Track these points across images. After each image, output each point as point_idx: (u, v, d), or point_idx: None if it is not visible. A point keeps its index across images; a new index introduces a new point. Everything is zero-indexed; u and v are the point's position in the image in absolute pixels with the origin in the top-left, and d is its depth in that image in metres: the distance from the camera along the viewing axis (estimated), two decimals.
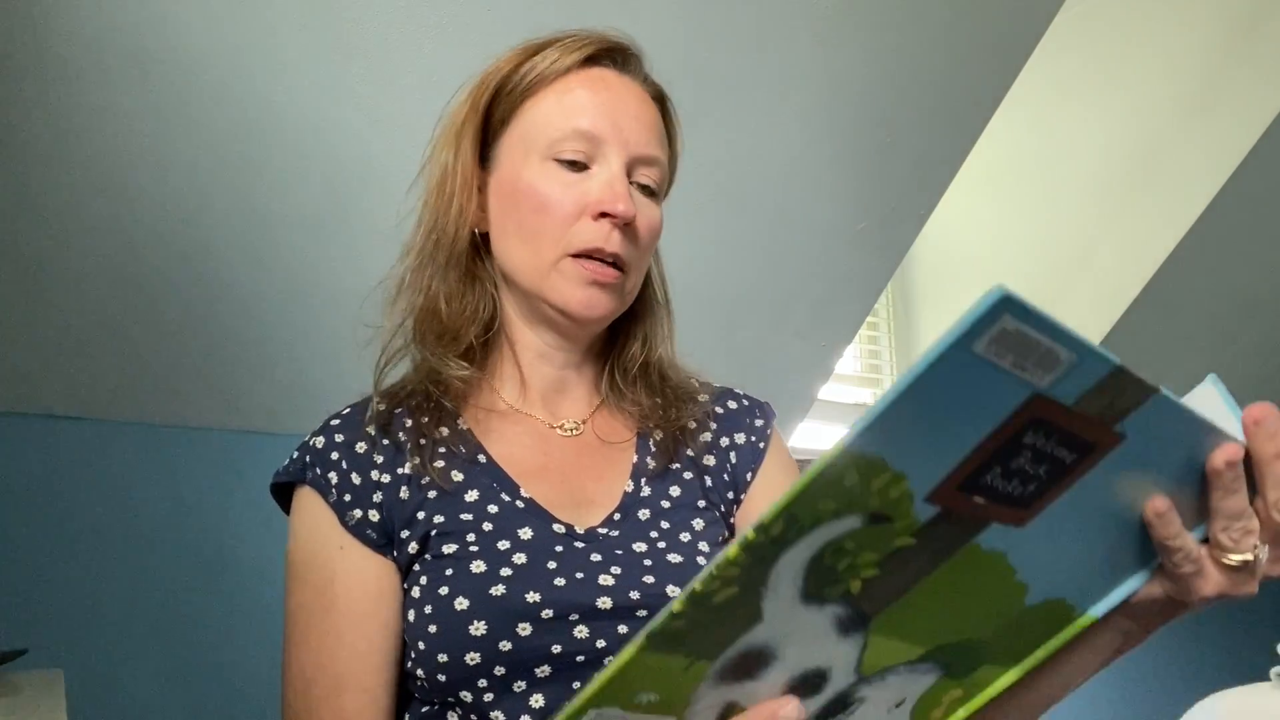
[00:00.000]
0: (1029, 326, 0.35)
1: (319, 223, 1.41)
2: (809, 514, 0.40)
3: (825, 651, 0.47)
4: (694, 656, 0.44)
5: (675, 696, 0.46)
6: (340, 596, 0.75)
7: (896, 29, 1.63)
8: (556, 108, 0.80)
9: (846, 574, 0.43)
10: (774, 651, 0.46)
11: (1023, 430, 0.39)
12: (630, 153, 0.80)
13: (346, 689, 0.74)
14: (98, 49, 1.19)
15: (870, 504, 0.40)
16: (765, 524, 0.39)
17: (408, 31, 1.32)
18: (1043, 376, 0.38)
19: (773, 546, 0.40)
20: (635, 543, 0.78)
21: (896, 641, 0.49)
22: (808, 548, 0.41)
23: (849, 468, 0.38)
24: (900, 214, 1.89)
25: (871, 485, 0.39)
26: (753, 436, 0.89)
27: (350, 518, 0.77)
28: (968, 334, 0.35)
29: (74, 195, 1.27)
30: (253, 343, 1.46)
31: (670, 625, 0.42)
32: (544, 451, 0.83)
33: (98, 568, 1.39)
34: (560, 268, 0.79)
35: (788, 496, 0.39)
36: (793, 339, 1.95)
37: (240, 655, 1.46)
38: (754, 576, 0.41)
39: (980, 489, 0.41)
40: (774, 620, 0.44)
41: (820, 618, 0.45)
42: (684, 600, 0.41)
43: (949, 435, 0.39)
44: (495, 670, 0.71)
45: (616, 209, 0.77)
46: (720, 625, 0.43)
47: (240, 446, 1.51)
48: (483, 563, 0.74)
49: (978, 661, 0.53)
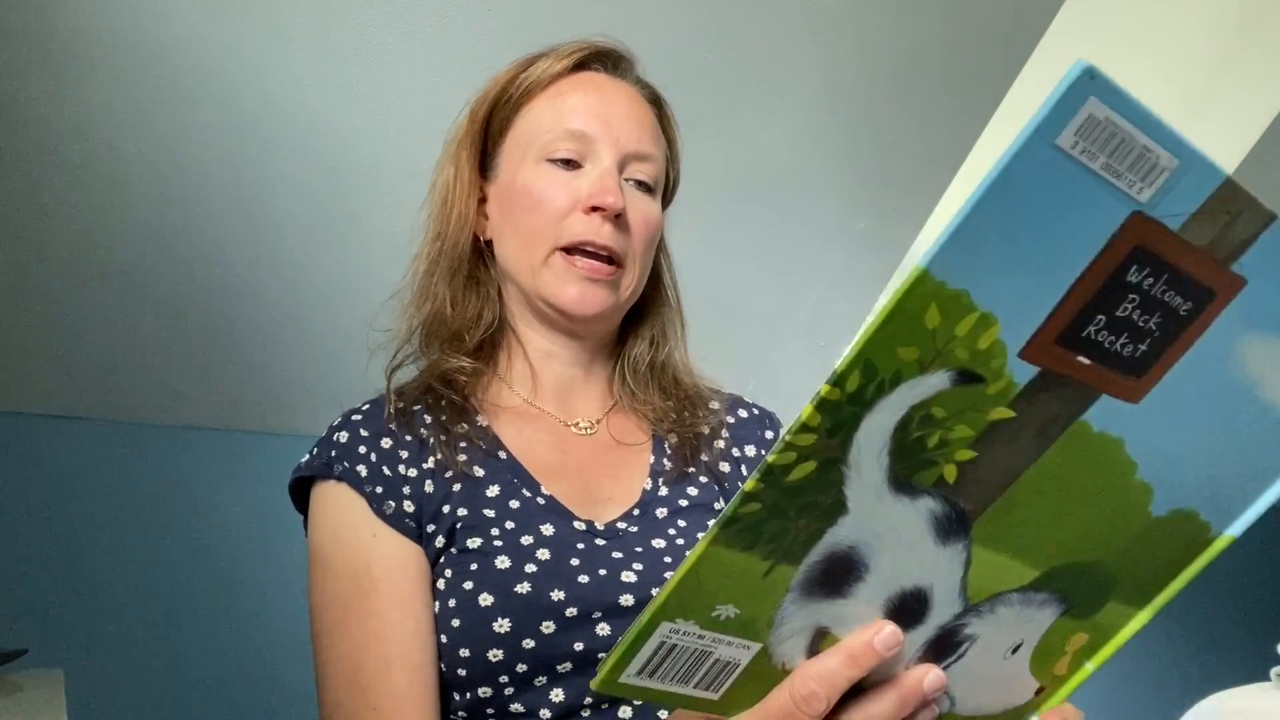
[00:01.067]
0: (1120, 114, 0.31)
1: (319, 223, 1.41)
2: (888, 362, 0.35)
3: (923, 564, 0.42)
4: (774, 558, 0.39)
5: (757, 613, 0.41)
6: (381, 579, 0.75)
7: (896, 29, 1.63)
8: (549, 111, 0.82)
9: (939, 452, 0.38)
10: (864, 559, 0.41)
11: (1125, 264, 0.34)
12: (622, 149, 0.81)
13: (395, 669, 0.73)
14: (99, 48, 1.19)
15: (958, 355, 0.35)
16: (840, 374, 0.34)
17: (408, 33, 1.32)
18: (1141, 188, 0.33)
19: (851, 406, 0.35)
20: (655, 539, 0.79)
21: (1005, 557, 0.43)
22: (891, 412, 0.36)
23: (929, 300, 0.33)
24: (900, 214, 1.89)
25: (957, 328, 0.34)
26: (762, 450, 0.91)
27: (387, 508, 0.77)
28: (1050, 119, 0.31)
29: (74, 195, 1.27)
30: (252, 343, 1.46)
31: (744, 509, 0.37)
32: (561, 450, 0.84)
33: (98, 568, 1.39)
34: (551, 263, 0.80)
35: (863, 338, 0.34)
36: (793, 339, 1.95)
37: (241, 654, 1.46)
38: (833, 448, 0.36)
39: (1083, 344, 0.36)
40: (860, 512, 0.39)
41: (913, 514, 0.40)
42: (757, 476, 0.36)
43: (1039, 265, 0.34)
44: (517, 667, 0.71)
45: (606, 201, 0.78)
46: (800, 514, 0.38)
47: (240, 446, 1.51)
48: (507, 558, 0.74)
49: (1104, 594, 0.46)
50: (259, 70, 1.27)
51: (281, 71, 1.29)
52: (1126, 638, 0.48)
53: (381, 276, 0.90)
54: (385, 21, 1.30)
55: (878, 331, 0.34)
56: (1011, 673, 0.48)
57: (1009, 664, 0.48)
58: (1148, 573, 0.46)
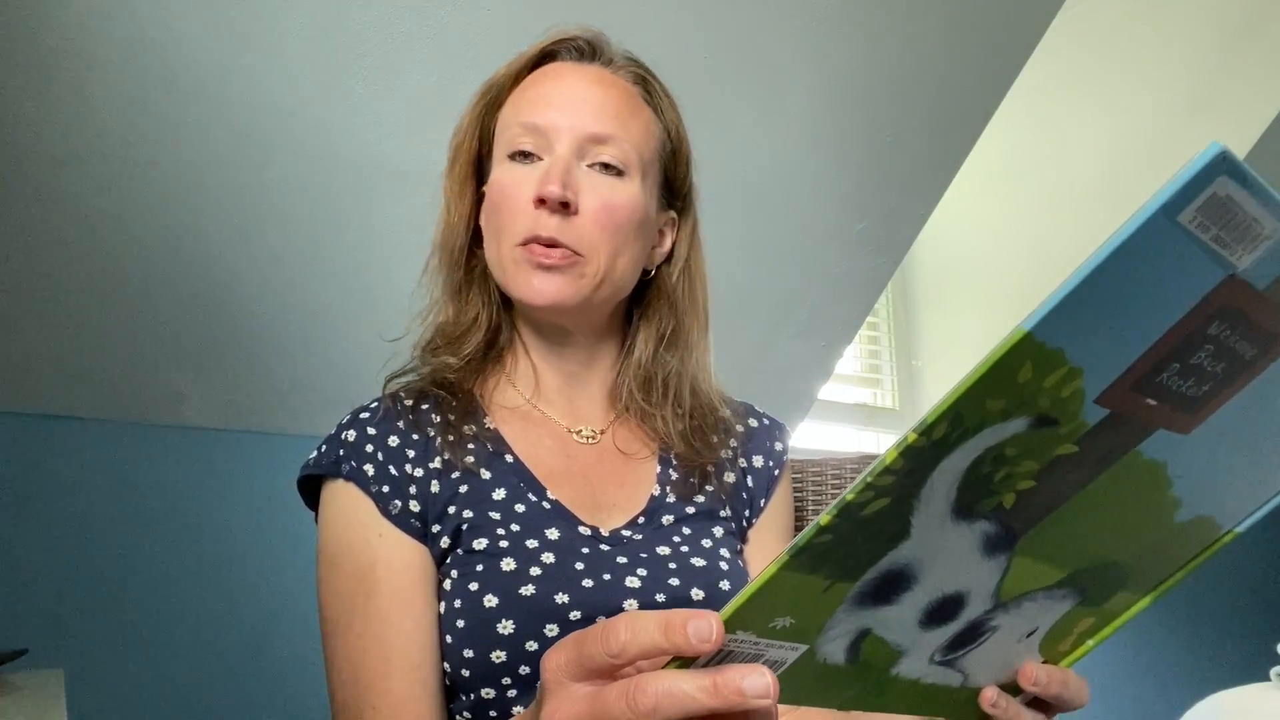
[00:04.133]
0: (1243, 191, 0.32)
1: (318, 224, 1.41)
2: (975, 414, 0.36)
3: (967, 574, 0.44)
4: (835, 577, 0.41)
5: (811, 622, 0.42)
6: (383, 580, 0.75)
7: (896, 29, 1.63)
8: (512, 109, 0.83)
9: (1002, 485, 0.40)
10: (915, 573, 0.42)
11: (1210, 320, 0.36)
12: (578, 134, 0.79)
13: (396, 669, 0.73)
14: (98, 48, 1.19)
15: (1040, 404, 0.36)
16: (928, 425, 0.35)
17: (409, 34, 1.32)
18: (1243, 255, 0.34)
19: (933, 451, 0.37)
20: (659, 546, 0.79)
21: (1041, 564, 0.45)
22: (967, 454, 0.37)
23: (1025, 359, 0.34)
24: (900, 214, 1.89)
25: (1045, 382, 0.35)
26: (770, 461, 0.91)
27: (393, 507, 0.77)
28: (1177, 197, 0.31)
29: (73, 196, 1.27)
30: (252, 343, 1.46)
31: (817, 540, 0.38)
32: (566, 455, 0.84)
33: (98, 568, 1.39)
34: (513, 258, 0.79)
35: (956, 392, 0.35)
36: (793, 339, 1.95)
37: (241, 654, 1.46)
38: (908, 486, 0.38)
39: (1154, 389, 0.38)
40: (921, 537, 0.40)
41: (968, 535, 0.42)
42: (834, 512, 0.38)
43: (1134, 324, 0.35)
44: (520, 669, 0.71)
45: (546, 191, 0.77)
46: (867, 541, 0.40)
47: (240, 446, 1.51)
48: (512, 560, 0.74)
49: (1117, 587, 0.50)
50: (259, 71, 1.27)
51: (282, 72, 1.29)
52: (1128, 619, 0.52)
53: (382, 276, 0.90)
54: (386, 22, 1.30)
55: (972, 388, 0.35)
56: (1021, 652, 0.51)
57: (1021, 646, 0.51)
58: (1160, 568, 0.49)
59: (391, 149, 1.38)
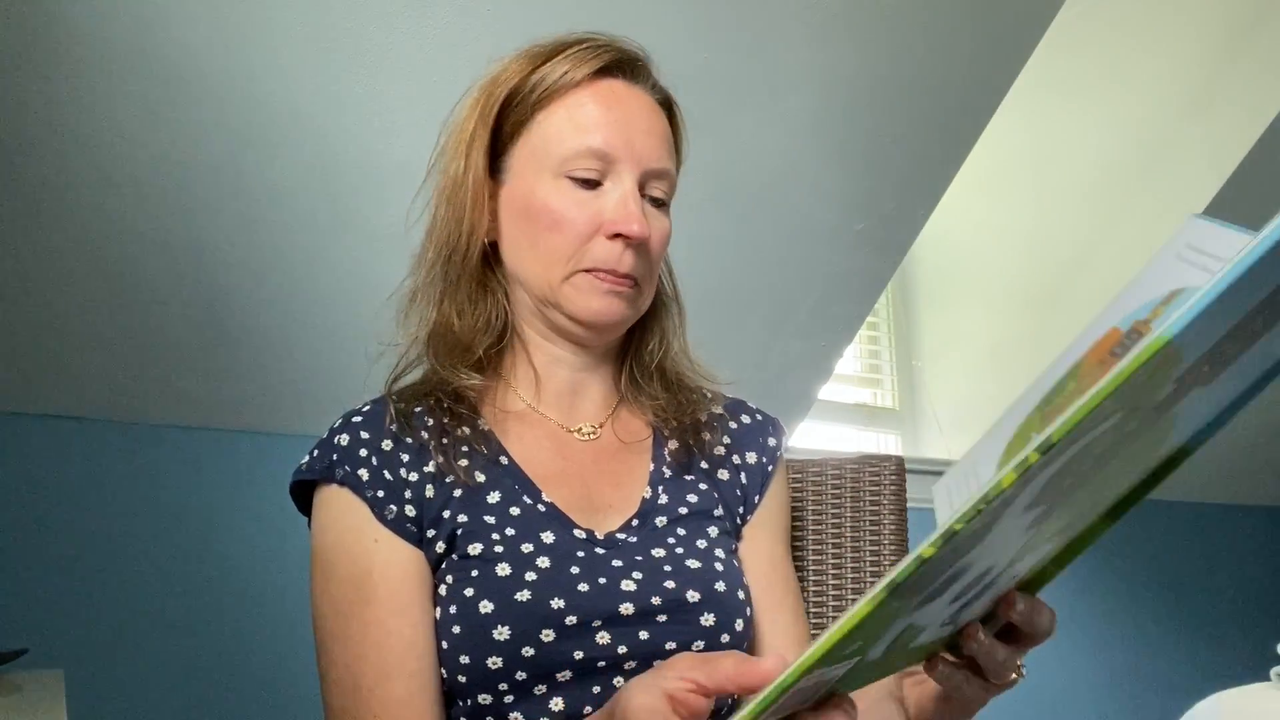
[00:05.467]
0: None
1: (318, 225, 1.41)
2: (1093, 421, 0.36)
3: (1006, 551, 0.44)
4: (911, 595, 0.41)
5: (871, 637, 0.43)
6: (380, 586, 0.75)
7: (896, 29, 1.63)
8: (568, 123, 0.80)
9: (1079, 472, 0.40)
10: (968, 566, 0.43)
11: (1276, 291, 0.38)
12: (642, 168, 0.80)
13: (394, 676, 0.73)
14: (98, 49, 1.19)
15: (1146, 400, 0.37)
16: (1053, 444, 0.35)
17: (409, 36, 1.32)
18: None
19: (1040, 468, 0.37)
20: (654, 548, 0.79)
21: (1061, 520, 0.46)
22: (1067, 458, 0.38)
23: (1159, 363, 0.35)
24: (900, 214, 1.89)
25: (1156, 379, 0.36)
26: (764, 457, 0.90)
27: (388, 513, 0.77)
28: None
29: (73, 195, 1.27)
30: (252, 343, 1.46)
31: (916, 571, 0.39)
32: (562, 456, 0.83)
33: (98, 568, 1.39)
34: (574, 281, 0.79)
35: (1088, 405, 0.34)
36: (793, 339, 1.95)
37: (241, 654, 1.46)
38: (1009, 499, 0.38)
39: (1215, 357, 0.39)
40: (993, 539, 0.41)
41: (1026, 519, 0.42)
42: (939, 543, 0.38)
43: (1227, 316, 0.36)
44: (517, 675, 0.71)
45: (631, 230, 0.77)
46: (955, 558, 0.40)
47: (240, 446, 1.51)
48: (507, 565, 0.74)
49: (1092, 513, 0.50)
50: (259, 71, 1.27)
51: (282, 73, 1.29)
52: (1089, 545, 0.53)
53: (382, 277, 0.89)
54: (386, 22, 1.30)
55: (1107, 398, 0.35)
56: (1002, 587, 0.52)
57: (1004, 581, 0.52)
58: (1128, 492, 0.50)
59: (392, 149, 1.38)
